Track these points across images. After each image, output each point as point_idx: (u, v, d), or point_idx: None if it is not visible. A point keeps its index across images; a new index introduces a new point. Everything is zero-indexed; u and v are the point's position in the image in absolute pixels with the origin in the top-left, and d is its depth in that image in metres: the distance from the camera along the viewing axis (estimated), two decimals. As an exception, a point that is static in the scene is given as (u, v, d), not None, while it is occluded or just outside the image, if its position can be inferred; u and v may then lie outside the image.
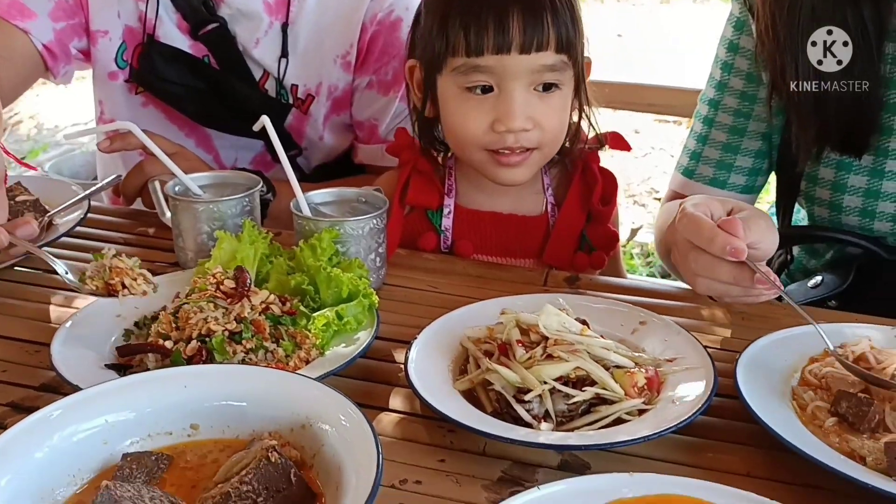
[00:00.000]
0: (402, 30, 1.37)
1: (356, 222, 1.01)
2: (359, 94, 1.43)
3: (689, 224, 0.89)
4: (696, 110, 1.30)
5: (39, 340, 0.93)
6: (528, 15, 1.03)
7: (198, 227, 1.07)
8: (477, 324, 0.90)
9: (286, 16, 1.36)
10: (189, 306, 0.86)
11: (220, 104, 1.40)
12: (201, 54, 1.39)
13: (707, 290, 0.93)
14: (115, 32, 1.40)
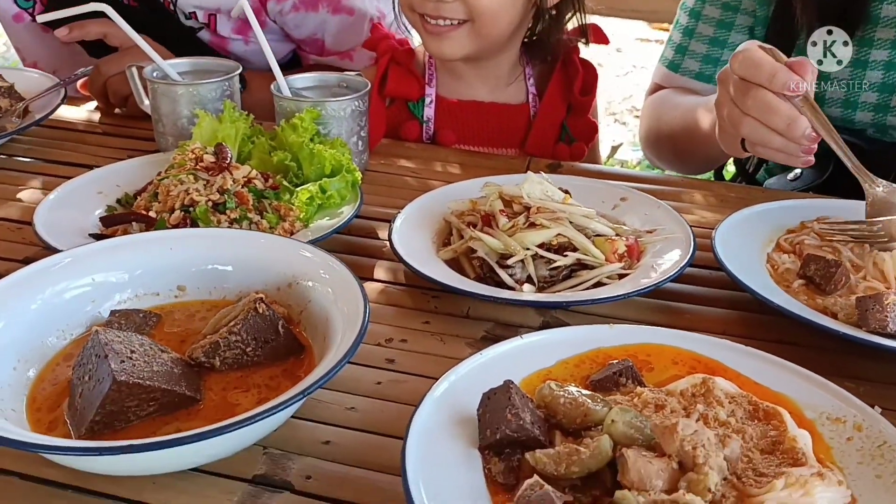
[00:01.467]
0: None
1: (338, 103, 1.01)
2: (287, 18, 1.37)
3: (747, 61, 0.85)
4: (682, 2, 1.28)
5: (21, 219, 0.93)
6: None
7: (178, 112, 1.06)
8: (460, 199, 0.90)
9: None
10: (169, 180, 0.86)
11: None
12: None
13: (751, 135, 0.88)
14: None
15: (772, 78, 0.83)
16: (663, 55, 1.31)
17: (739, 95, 0.86)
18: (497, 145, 1.19)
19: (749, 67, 0.85)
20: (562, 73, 1.19)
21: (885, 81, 1.12)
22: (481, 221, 0.84)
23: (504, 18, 1.10)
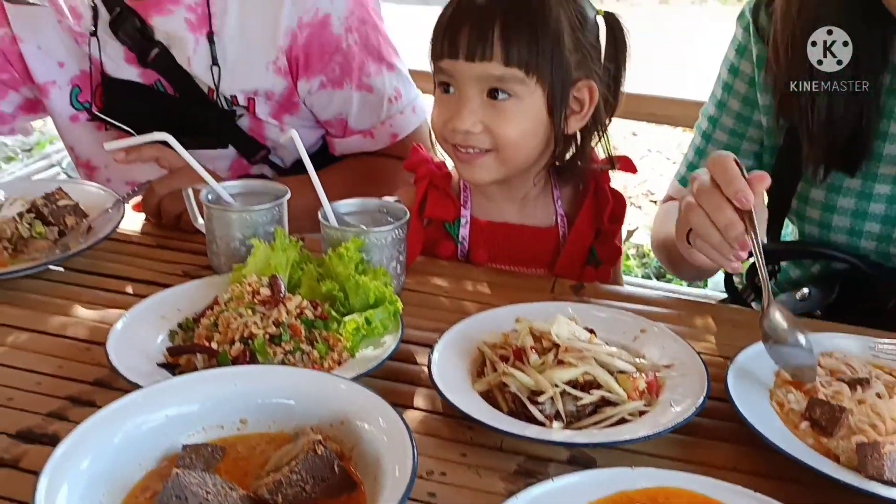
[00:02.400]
0: (333, 24, 1.41)
1: (379, 233, 1.10)
2: (315, 97, 1.47)
3: (717, 163, 0.93)
4: (697, 123, 1.39)
5: (90, 339, 1.02)
6: (477, 27, 1.13)
7: (231, 234, 1.16)
8: (492, 329, 0.98)
9: (209, 28, 1.41)
10: (229, 313, 0.95)
11: (183, 124, 1.44)
12: (152, 81, 1.46)
13: (697, 226, 0.95)
14: (63, 80, 1.49)
15: (728, 184, 0.92)
16: (678, 171, 1.42)
17: (700, 191, 0.96)
18: (527, 265, 1.28)
19: (716, 167, 0.94)
20: (592, 200, 1.28)
21: (887, 214, 1.21)
22: (513, 356, 0.92)
23: (527, 147, 1.20)
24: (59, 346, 1.01)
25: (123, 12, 1.41)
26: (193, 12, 1.41)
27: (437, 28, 1.17)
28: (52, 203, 1.22)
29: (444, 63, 1.16)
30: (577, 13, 1.17)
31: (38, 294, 1.12)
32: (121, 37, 1.42)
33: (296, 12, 1.40)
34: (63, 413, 0.89)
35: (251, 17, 1.42)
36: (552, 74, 1.14)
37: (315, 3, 1.40)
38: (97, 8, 1.42)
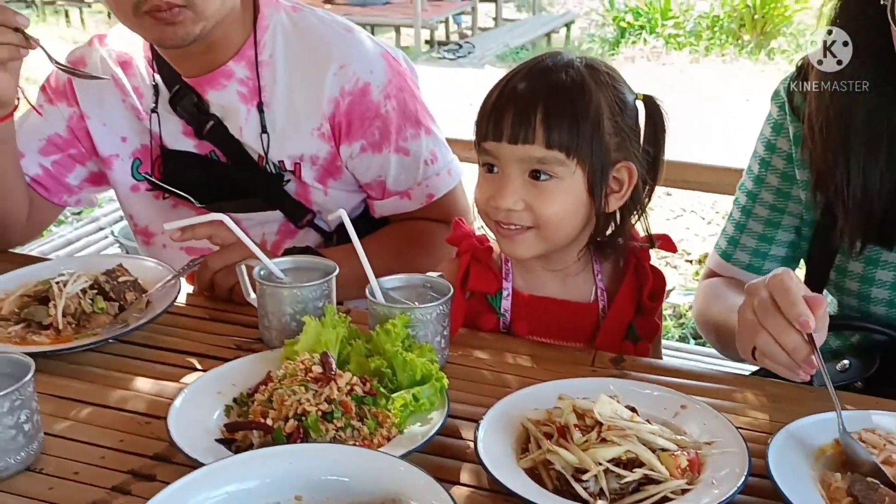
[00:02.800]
0: (372, 92, 1.50)
1: (425, 309, 1.14)
2: (356, 161, 1.54)
3: (779, 283, 0.99)
4: (736, 197, 1.42)
5: (149, 413, 1.06)
6: (521, 112, 1.18)
7: (282, 309, 1.20)
8: (535, 405, 1.01)
9: (259, 98, 1.51)
10: (282, 390, 0.99)
11: (235, 190, 1.56)
12: (207, 151, 1.55)
13: (763, 346, 1.00)
14: (125, 153, 1.59)
15: (790, 307, 0.97)
16: (718, 244, 1.44)
17: (762, 311, 1.00)
18: (567, 339, 1.31)
19: (777, 289, 0.99)
20: (633, 277, 1.32)
21: None
22: (557, 433, 0.94)
23: (567, 225, 1.24)
24: (120, 419, 1.06)
25: (182, 89, 1.51)
26: (245, 85, 1.51)
27: (482, 111, 1.23)
28: (113, 279, 1.28)
29: (488, 144, 1.21)
30: (617, 98, 1.22)
31: (100, 367, 1.17)
32: (179, 112, 1.52)
33: (338, 82, 1.49)
34: (126, 487, 0.93)
35: (297, 87, 1.51)
36: (592, 156, 1.19)
37: (356, 73, 1.49)
38: (158, 87, 1.53)
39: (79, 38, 10.79)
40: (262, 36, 1.51)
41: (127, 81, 1.56)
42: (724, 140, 5.45)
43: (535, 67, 1.23)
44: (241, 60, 1.50)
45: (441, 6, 10.72)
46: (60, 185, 1.61)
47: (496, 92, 1.23)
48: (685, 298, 3.50)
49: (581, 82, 1.19)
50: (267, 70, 1.51)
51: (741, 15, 9.18)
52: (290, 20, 1.53)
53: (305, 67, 1.50)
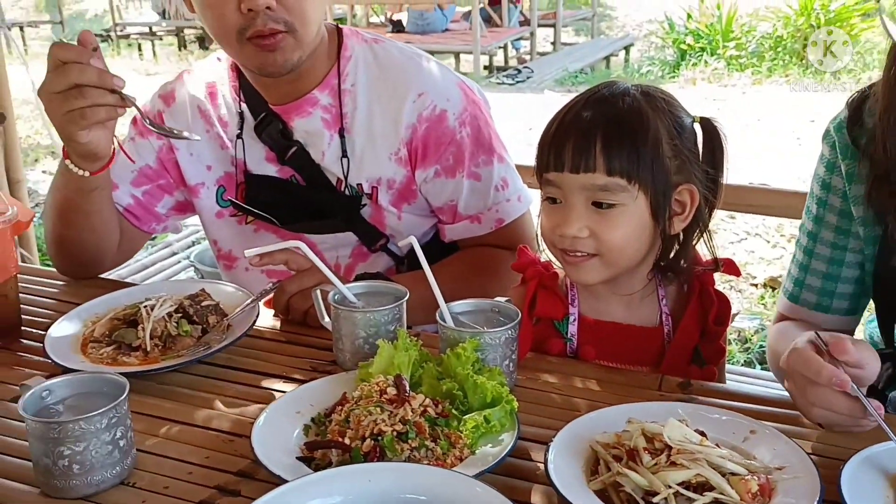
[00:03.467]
0: (448, 119, 1.57)
1: (494, 333, 1.17)
2: (430, 185, 1.61)
3: (798, 359, 1.03)
4: (797, 239, 1.42)
5: (233, 431, 1.12)
6: (581, 141, 1.21)
7: (355, 333, 1.25)
8: (604, 428, 1.03)
9: (341, 124, 1.58)
10: (359, 411, 1.03)
11: (313, 213, 1.63)
12: (288, 176, 1.63)
13: (821, 419, 1.05)
14: (210, 181, 1.67)
15: (818, 375, 1.00)
16: (784, 287, 1.44)
17: (800, 389, 1.04)
18: (633, 364, 1.33)
19: (799, 364, 1.03)
20: (697, 301, 1.33)
21: None
22: (626, 456, 0.96)
23: (631, 249, 1.27)
24: (205, 437, 1.11)
25: (268, 116, 1.60)
26: (328, 112, 1.59)
27: (543, 143, 1.26)
28: (196, 303, 1.35)
29: (550, 175, 1.24)
30: (674, 122, 1.25)
31: (185, 388, 1.24)
32: (263, 138, 1.61)
33: (416, 109, 1.56)
34: (212, 502, 0.98)
35: (377, 114, 1.59)
36: (653, 181, 1.21)
37: (434, 101, 1.57)
38: (244, 114, 1.62)
39: (151, 69, 11.22)
40: (346, 66, 1.59)
41: (213, 112, 1.65)
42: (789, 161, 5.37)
43: (592, 97, 1.26)
44: (325, 89, 1.58)
45: (500, 32, 10.83)
46: (150, 214, 1.69)
47: (555, 123, 1.26)
48: (750, 323, 3.45)
49: (638, 108, 1.22)
50: (348, 98, 1.58)
51: (805, 35, 9.03)
52: (371, 51, 1.62)
53: (385, 95, 1.58)
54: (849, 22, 8.82)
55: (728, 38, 9.49)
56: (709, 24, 9.72)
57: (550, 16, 12.09)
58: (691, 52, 9.59)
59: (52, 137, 4.31)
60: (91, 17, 16.80)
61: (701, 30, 9.74)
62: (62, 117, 1.28)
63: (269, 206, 1.63)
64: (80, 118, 1.27)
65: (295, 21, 1.43)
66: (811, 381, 1.01)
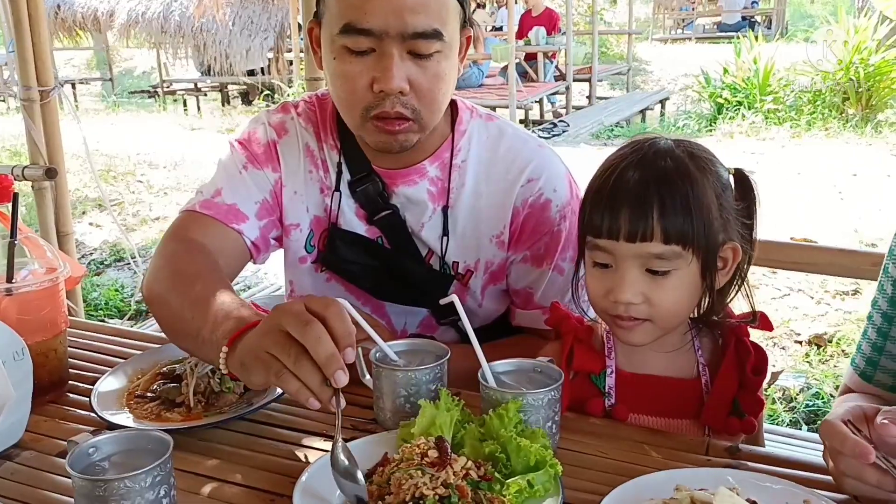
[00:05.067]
0: (551, 209, 1.56)
1: (537, 394, 1.16)
2: (515, 267, 1.60)
3: (826, 429, 1.02)
4: (869, 314, 1.38)
5: (274, 490, 1.11)
6: (636, 209, 1.20)
7: (396, 391, 1.25)
8: (651, 495, 1.01)
9: (447, 201, 1.56)
10: (400, 474, 1.02)
11: (392, 279, 1.60)
12: (375, 236, 1.60)
13: (854, 491, 1.02)
14: (304, 223, 1.62)
15: (843, 446, 0.98)
16: (855, 363, 1.40)
17: (834, 461, 1.03)
18: (671, 416, 1.32)
19: (828, 436, 1.02)
20: (734, 352, 1.32)
21: None
22: (674, 524, 0.94)
23: (683, 311, 1.27)
24: (246, 496, 1.11)
25: (370, 175, 1.57)
26: (435, 185, 1.57)
27: (594, 206, 1.25)
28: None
29: (602, 242, 1.24)
30: (718, 181, 1.25)
31: (227, 445, 1.24)
32: (357, 195, 1.58)
33: (524, 194, 1.56)
34: (253, 562, 0.97)
35: (484, 194, 1.58)
36: (706, 244, 1.21)
37: (541, 189, 1.56)
38: (342, 166, 1.59)
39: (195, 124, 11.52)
40: (459, 140, 1.57)
41: (318, 154, 1.60)
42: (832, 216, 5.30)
43: (638, 159, 1.25)
44: (435, 161, 1.56)
45: (535, 87, 10.96)
46: (267, 247, 1.62)
47: (604, 187, 1.24)
48: (795, 381, 3.37)
49: (686, 171, 1.22)
50: (457, 173, 1.56)
51: (844, 89, 8.98)
52: (486, 128, 1.60)
53: (496, 176, 1.57)
54: (889, 76, 8.77)
55: (765, 91, 9.47)
56: (745, 79, 9.73)
57: (586, 70, 12.22)
58: (728, 106, 9.59)
59: (101, 190, 4.41)
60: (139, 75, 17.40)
61: (738, 83, 9.75)
62: (254, 360, 1.08)
63: (348, 263, 1.61)
64: (271, 374, 1.06)
65: (423, 109, 1.42)
66: (838, 451, 0.99)
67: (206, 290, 1.27)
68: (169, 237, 1.53)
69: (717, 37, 17.62)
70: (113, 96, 14.54)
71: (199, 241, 1.49)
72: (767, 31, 15.28)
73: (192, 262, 1.42)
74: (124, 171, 8.11)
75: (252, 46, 12.53)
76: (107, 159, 8.50)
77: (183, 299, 1.30)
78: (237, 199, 1.56)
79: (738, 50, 10.11)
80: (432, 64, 1.40)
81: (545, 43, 11.24)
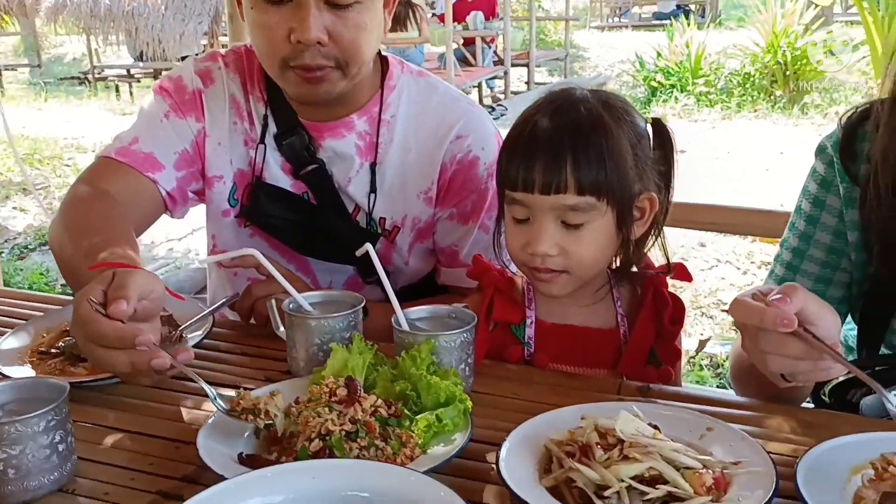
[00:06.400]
0: (479, 167, 1.55)
1: (449, 336, 1.15)
2: (441, 224, 1.59)
3: (738, 308, 0.99)
4: (778, 255, 1.39)
5: (180, 438, 1.08)
6: (549, 161, 1.19)
7: (310, 340, 1.23)
8: (559, 428, 1.01)
9: (374, 157, 1.54)
10: (308, 412, 1.00)
11: (317, 235, 1.57)
12: (301, 191, 1.57)
13: (780, 367, 0.99)
14: (228, 176, 1.58)
15: (762, 320, 0.95)
16: None
17: (752, 341, 1.00)
18: (590, 366, 1.32)
19: (742, 315, 0.99)
20: (651, 303, 1.33)
21: None
22: (579, 451, 0.94)
23: (600, 262, 1.28)
24: (151, 445, 1.08)
25: (295, 129, 1.53)
26: (363, 139, 1.54)
27: (509, 158, 1.24)
28: (146, 314, 1.32)
29: (518, 195, 1.23)
30: (634, 131, 1.25)
31: (134, 398, 1.20)
32: (283, 148, 1.54)
33: (452, 150, 1.54)
34: (154, 507, 0.95)
35: (412, 150, 1.55)
36: (620, 195, 1.21)
37: (470, 146, 1.54)
38: (268, 119, 1.54)
39: (127, 109, 11.21)
40: (388, 96, 1.55)
41: (244, 105, 1.56)
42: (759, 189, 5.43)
43: (551, 108, 1.24)
44: (363, 115, 1.53)
45: (473, 72, 10.96)
46: (185, 200, 1.58)
47: (519, 137, 1.24)
48: (722, 348, 3.45)
49: (601, 121, 1.21)
50: (385, 128, 1.54)
51: (772, 72, 9.23)
52: (417, 84, 1.58)
53: (425, 132, 1.55)
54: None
55: (697, 75, 9.67)
56: (678, 62, 9.91)
57: (524, 56, 12.28)
58: (661, 90, 9.76)
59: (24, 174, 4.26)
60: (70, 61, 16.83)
61: (671, 67, 9.93)
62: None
63: (272, 218, 1.57)
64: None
65: (346, 58, 1.39)
66: (759, 329, 0.97)
67: (101, 243, 1.21)
68: (80, 181, 1.48)
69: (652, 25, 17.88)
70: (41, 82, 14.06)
71: (107, 189, 1.45)
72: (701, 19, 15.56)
73: (94, 212, 1.37)
74: (51, 156, 7.85)
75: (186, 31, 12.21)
76: (32, 143, 8.22)
77: (77, 249, 1.26)
78: (155, 147, 1.51)
79: (671, 34, 10.30)
80: (352, 14, 1.38)
81: (483, 28, 11.25)
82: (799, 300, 0.97)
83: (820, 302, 1.01)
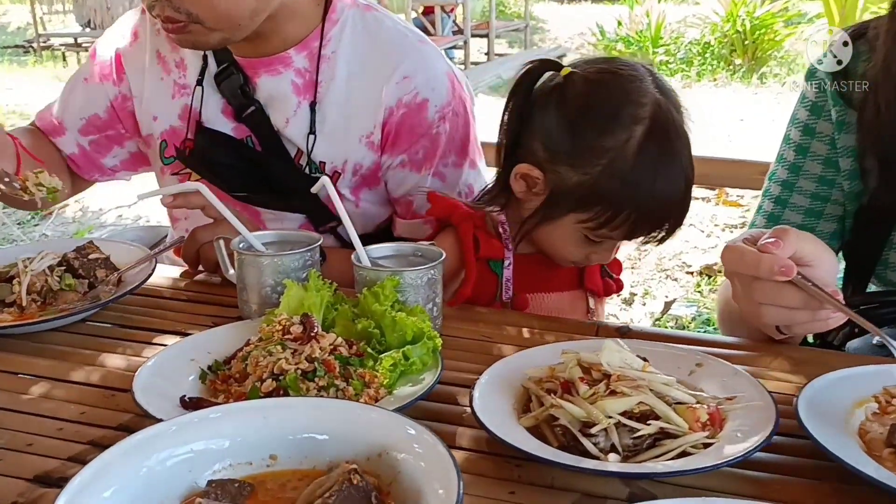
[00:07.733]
0: (429, 109, 1.41)
1: (415, 272, 1.06)
2: (393, 173, 1.46)
3: (731, 256, 0.91)
4: (766, 188, 1.31)
5: (115, 386, 0.97)
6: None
7: (262, 281, 1.12)
8: (537, 365, 0.92)
9: (314, 96, 1.42)
10: (258, 352, 0.90)
11: (262, 181, 1.46)
12: (244, 136, 1.46)
13: (776, 319, 0.92)
14: (157, 132, 1.51)
15: (758, 268, 0.87)
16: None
17: (746, 291, 0.92)
18: (562, 289, 1.32)
19: (735, 264, 0.91)
20: None
21: None
22: (560, 388, 0.85)
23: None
24: (83, 393, 0.97)
25: (230, 67, 1.43)
26: (301, 77, 1.42)
27: (637, 220, 1.21)
28: (82, 256, 1.20)
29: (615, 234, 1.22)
30: None
31: (66, 346, 1.08)
32: (222, 89, 1.44)
33: (398, 92, 1.40)
34: (83, 458, 0.83)
35: (355, 90, 1.42)
36: None
37: (417, 88, 1.40)
38: (207, 59, 1.44)
39: (73, 78, 10.83)
40: (330, 30, 1.42)
41: (170, 56, 1.48)
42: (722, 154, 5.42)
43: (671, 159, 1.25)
44: (302, 50, 1.42)
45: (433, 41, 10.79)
46: (93, 165, 1.59)
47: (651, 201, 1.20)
48: (687, 310, 3.41)
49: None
50: (326, 66, 1.41)
51: (732, 41, 9.24)
52: (363, 18, 1.45)
53: (368, 71, 1.42)
54: (773, 28, 9.06)
55: (657, 44, 9.63)
56: (639, 31, 9.87)
57: (483, 26, 12.11)
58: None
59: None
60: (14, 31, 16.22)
61: (631, 37, 9.88)
62: None
63: (216, 166, 1.46)
64: None
65: (199, 13, 1.26)
66: (753, 278, 0.89)
67: None
68: None
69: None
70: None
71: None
72: (660, -10, 15.52)
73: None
74: (-7, 125, 7.52)
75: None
76: (-29, 111, 7.88)
77: None
78: (64, 112, 1.54)
79: (632, 4, 10.24)
80: None
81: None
82: (792, 242, 0.89)
83: (815, 241, 0.93)
